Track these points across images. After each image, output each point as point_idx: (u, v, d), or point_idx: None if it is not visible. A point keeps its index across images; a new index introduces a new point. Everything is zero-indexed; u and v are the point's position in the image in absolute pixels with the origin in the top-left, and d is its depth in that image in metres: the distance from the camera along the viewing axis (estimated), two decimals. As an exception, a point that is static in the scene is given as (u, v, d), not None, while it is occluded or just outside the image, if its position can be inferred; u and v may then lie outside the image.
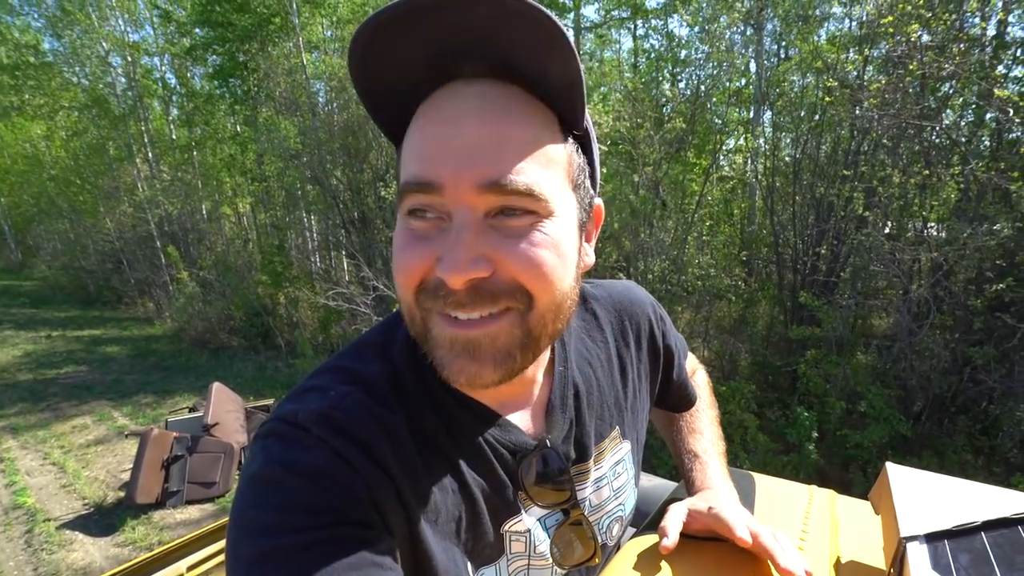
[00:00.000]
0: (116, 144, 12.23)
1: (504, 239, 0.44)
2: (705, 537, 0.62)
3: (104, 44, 11.35)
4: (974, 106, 3.90)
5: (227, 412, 4.31)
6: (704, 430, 0.81)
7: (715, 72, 5.36)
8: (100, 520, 3.83)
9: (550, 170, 0.45)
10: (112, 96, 11.80)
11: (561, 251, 0.46)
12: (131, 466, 3.94)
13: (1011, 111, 3.13)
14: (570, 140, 0.48)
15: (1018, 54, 3.77)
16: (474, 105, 0.43)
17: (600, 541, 0.63)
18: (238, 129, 11.47)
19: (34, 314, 12.16)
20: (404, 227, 0.46)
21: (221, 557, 1.55)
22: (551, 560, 0.59)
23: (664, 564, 0.59)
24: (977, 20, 3.57)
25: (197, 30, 10.41)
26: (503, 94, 0.44)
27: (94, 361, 8.09)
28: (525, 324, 0.46)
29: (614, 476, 0.67)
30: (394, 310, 0.62)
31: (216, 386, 4.44)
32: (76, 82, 12.43)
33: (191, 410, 4.82)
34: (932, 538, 0.48)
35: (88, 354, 8.49)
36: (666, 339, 0.76)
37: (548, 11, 0.39)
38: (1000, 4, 3.65)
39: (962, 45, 3.38)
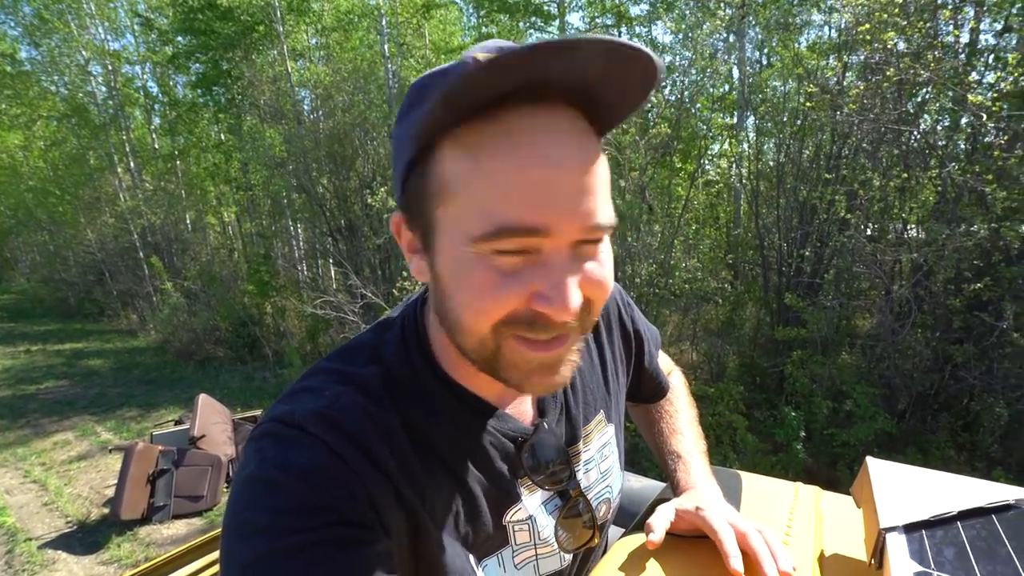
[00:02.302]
0: (97, 154, 12.06)
1: (584, 266, 0.45)
2: (693, 536, 0.63)
3: (84, 53, 11.20)
4: (950, 111, 4.00)
5: (214, 424, 4.25)
6: (685, 431, 0.83)
7: (699, 78, 5.44)
8: (84, 538, 3.74)
9: (609, 195, 0.47)
10: (92, 105, 11.64)
11: (612, 263, 0.49)
12: (115, 482, 3.86)
13: (984, 116, 3.22)
14: None
15: (990, 61, 3.88)
16: (570, 142, 0.43)
17: (598, 522, 0.65)
18: (222, 137, 11.37)
19: (12, 328, 11.90)
20: (488, 264, 0.43)
21: (211, 570, 1.52)
22: (556, 546, 0.60)
23: (652, 563, 0.60)
24: (951, 28, 3.67)
25: (179, 38, 10.32)
26: (580, 125, 0.44)
27: (76, 375, 7.92)
28: (583, 330, 0.49)
29: (601, 459, 0.69)
30: (383, 316, 0.63)
31: (202, 398, 4.38)
32: (55, 91, 12.24)
33: (177, 423, 4.74)
34: (910, 528, 0.50)
35: (69, 368, 8.32)
36: (635, 324, 0.78)
37: (655, 58, 0.39)
38: (972, 12, 3.76)
39: (937, 52, 3.47)
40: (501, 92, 0.40)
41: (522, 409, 0.61)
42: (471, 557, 0.53)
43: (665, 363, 0.90)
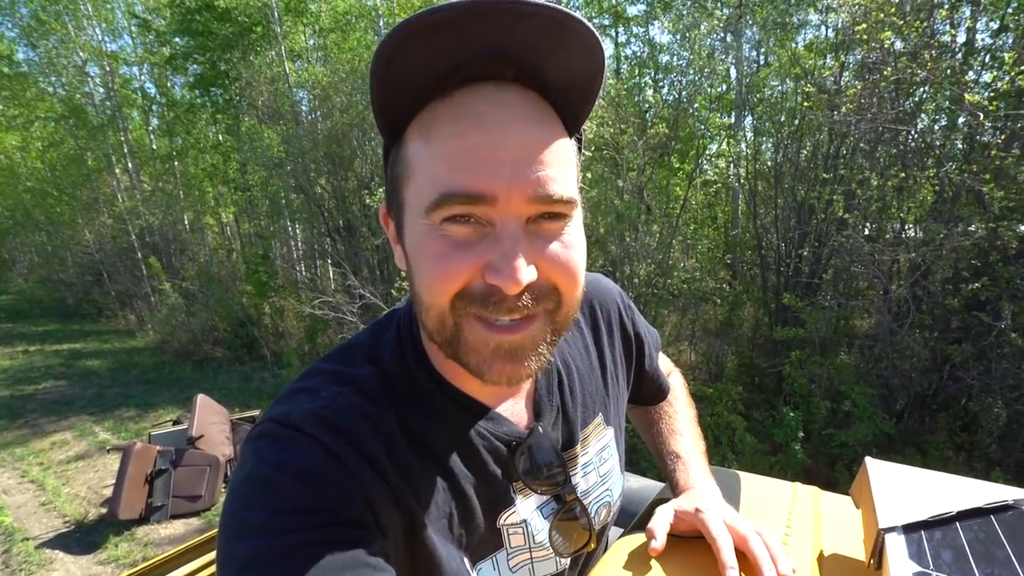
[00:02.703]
0: (95, 155, 12.04)
1: (543, 243, 0.46)
2: (692, 536, 0.63)
3: (81, 54, 11.18)
4: (947, 110, 4.01)
5: (212, 424, 4.25)
6: (684, 431, 0.82)
7: (696, 78, 5.45)
8: (81, 538, 3.74)
9: (573, 174, 0.47)
10: (90, 106, 11.63)
11: (582, 250, 0.49)
12: (113, 482, 3.86)
13: (981, 115, 3.23)
14: (572, 140, 0.50)
15: (986, 60, 3.89)
16: (516, 114, 0.44)
17: (595, 526, 0.65)
18: (220, 138, 11.36)
19: (10, 328, 11.87)
20: (440, 234, 0.44)
21: (208, 571, 1.52)
22: (552, 550, 0.60)
23: (652, 564, 0.60)
24: (947, 27, 3.68)
25: (177, 39, 10.30)
26: (533, 101, 0.45)
27: (74, 375, 7.92)
28: (553, 322, 0.49)
29: (600, 462, 0.69)
30: (381, 315, 0.63)
31: (200, 398, 4.38)
32: (52, 92, 12.22)
33: (175, 423, 4.74)
34: (909, 529, 0.50)
35: (67, 368, 8.31)
36: (635, 327, 0.77)
37: (597, 33, 0.41)
38: (968, 12, 3.77)
39: (933, 52, 3.48)
40: (444, 52, 0.41)
41: (517, 411, 0.60)
42: (466, 560, 0.53)
43: (664, 364, 0.90)
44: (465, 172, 0.42)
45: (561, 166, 0.45)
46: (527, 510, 0.58)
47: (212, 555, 1.54)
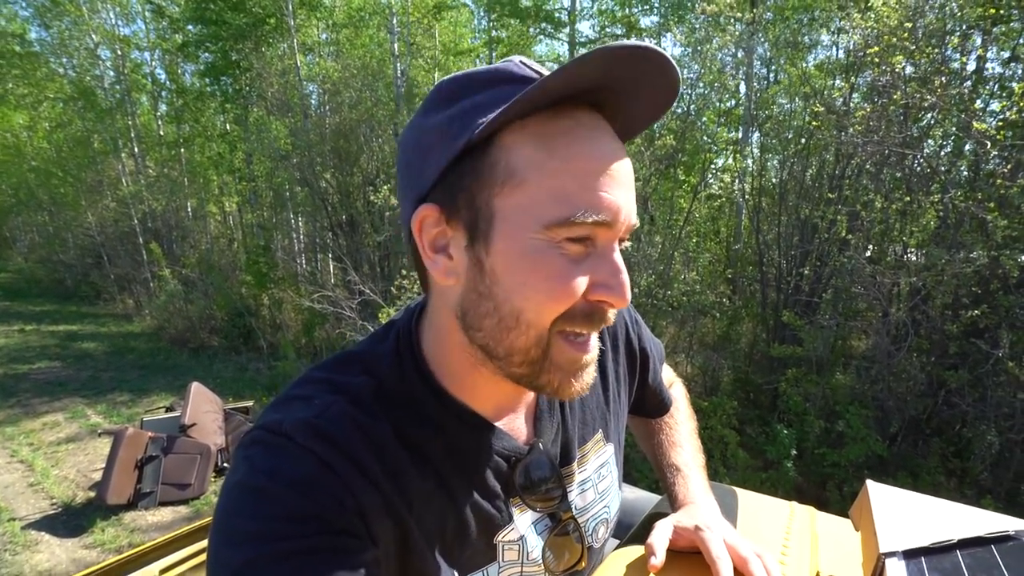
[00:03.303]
0: (101, 138, 12.04)
1: None
2: (690, 552, 0.63)
3: (93, 36, 11.19)
4: (954, 137, 4.03)
5: (205, 413, 4.23)
6: (684, 443, 0.82)
7: (706, 92, 5.47)
8: (68, 521, 3.72)
9: None
10: (99, 89, 11.62)
11: None
12: (103, 466, 3.85)
13: (988, 144, 3.24)
14: None
15: (995, 89, 3.91)
16: (616, 142, 0.47)
17: (588, 544, 0.64)
18: (227, 127, 11.37)
19: (7, 307, 11.85)
20: (559, 252, 0.45)
21: (195, 560, 1.51)
22: (543, 566, 0.59)
23: (648, 576, 0.60)
24: (958, 55, 3.70)
25: (190, 26, 10.32)
26: (611, 130, 0.48)
27: (69, 357, 7.90)
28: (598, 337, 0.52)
29: (599, 479, 0.68)
30: (383, 319, 0.62)
31: (194, 386, 4.37)
32: (62, 73, 12.23)
33: (168, 410, 4.72)
34: (910, 555, 0.50)
35: (63, 350, 8.29)
36: (641, 342, 0.77)
37: (678, 74, 0.45)
38: (980, 41, 3.79)
39: (943, 78, 3.49)
40: (576, 90, 0.43)
41: (516, 426, 0.60)
42: (455, 573, 0.53)
43: (667, 375, 0.90)
44: (599, 194, 0.44)
45: None
46: (523, 526, 0.58)
47: (199, 545, 1.54)
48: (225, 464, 4.17)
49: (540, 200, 0.44)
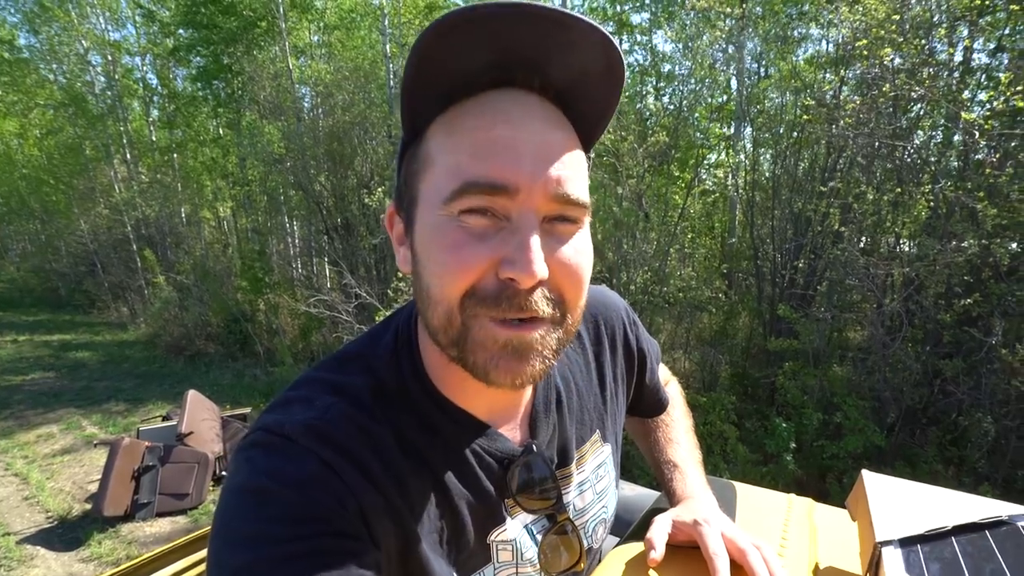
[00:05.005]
0: (93, 144, 11.98)
1: (556, 244, 0.46)
2: (690, 546, 0.63)
3: (83, 42, 11.13)
4: (943, 128, 4.05)
5: (202, 421, 4.21)
6: (681, 440, 0.82)
7: (697, 88, 5.48)
8: (64, 534, 3.68)
9: (587, 183, 0.48)
10: (90, 95, 11.57)
11: (590, 258, 0.49)
12: (99, 477, 3.82)
13: (976, 134, 3.26)
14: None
15: (983, 80, 3.93)
16: (540, 115, 0.45)
17: (586, 545, 0.64)
18: (220, 132, 11.32)
19: None
20: (456, 225, 0.44)
21: (195, 571, 1.50)
22: (539, 568, 0.59)
23: (650, 574, 0.60)
24: (945, 46, 3.72)
25: (181, 31, 10.28)
26: (552, 110, 0.47)
27: (63, 367, 7.84)
28: (559, 330, 0.48)
29: (597, 479, 0.68)
30: (378, 319, 0.62)
31: (191, 394, 4.34)
32: (53, 79, 12.16)
33: (165, 418, 4.69)
34: (906, 543, 0.50)
35: (57, 360, 8.23)
36: (639, 342, 0.77)
37: (623, 56, 0.43)
38: (966, 32, 3.82)
39: (931, 69, 3.51)
40: (481, 52, 0.42)
41: (512, 428, 0.60)
42: (454, 574, 0.53)
43: (663, 373, 0.90)
44: (489, 161, 0.43)
45: (578, 170, 0.46)
46: (517, 528, 0.58)
47: (198, 555, 1.52)
48: (223, 472, 4.15)
49: (440, 178, 0.45)
